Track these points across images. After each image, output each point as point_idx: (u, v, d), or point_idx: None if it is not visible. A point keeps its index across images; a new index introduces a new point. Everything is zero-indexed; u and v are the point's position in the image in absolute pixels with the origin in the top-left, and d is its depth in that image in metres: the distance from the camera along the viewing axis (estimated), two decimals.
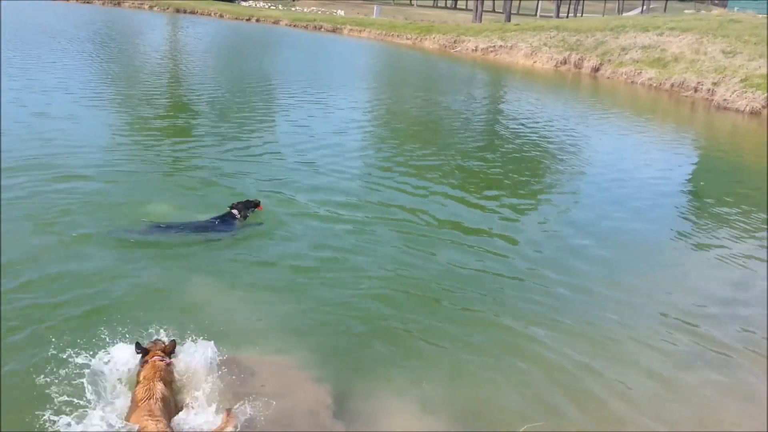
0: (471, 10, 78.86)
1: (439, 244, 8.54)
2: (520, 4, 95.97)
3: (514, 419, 5.17)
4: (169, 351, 4.96)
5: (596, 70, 36.46)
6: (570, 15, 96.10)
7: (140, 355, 4.84)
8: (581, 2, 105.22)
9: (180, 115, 15.46)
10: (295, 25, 56.77)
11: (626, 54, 35.78)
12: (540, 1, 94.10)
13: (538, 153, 15.08)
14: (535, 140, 16.36)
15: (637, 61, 34.59)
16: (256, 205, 8.55)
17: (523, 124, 18.55)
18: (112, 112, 14.60)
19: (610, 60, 36.28)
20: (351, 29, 54.96)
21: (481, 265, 8.05)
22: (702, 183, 14.31)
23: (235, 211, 8.31)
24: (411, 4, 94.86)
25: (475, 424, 5.14)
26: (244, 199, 8.61)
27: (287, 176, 10.77)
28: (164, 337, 5.25)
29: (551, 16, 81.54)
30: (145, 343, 4.97)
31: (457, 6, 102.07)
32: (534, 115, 20.60)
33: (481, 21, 61.98)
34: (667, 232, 10.26)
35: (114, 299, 6.12)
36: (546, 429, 5.05)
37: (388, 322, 6.41)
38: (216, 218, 8.19)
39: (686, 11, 75.55)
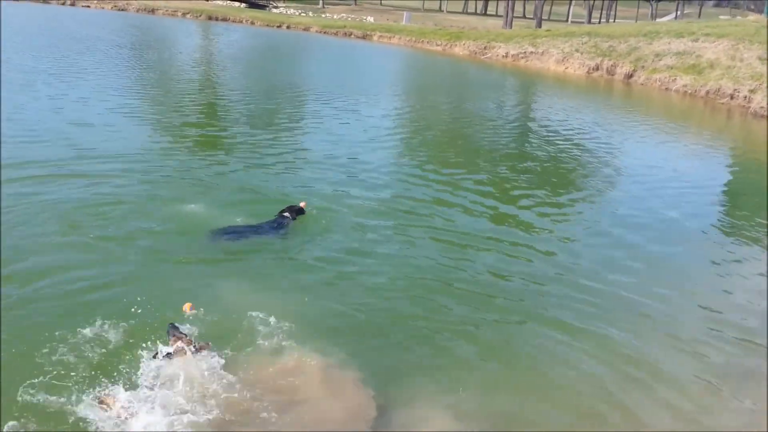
0: (501, 16, 78.60)
1: (479, 248, 8.54)
2: (551, 9, 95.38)
3: (554, 428, 5.08)
4: (198, 349, 5.26)
5: (629, 76, 36.01)
6: (602, 20, 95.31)
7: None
8: (613, 8, 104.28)
9: (214, 122, 15.62)
10: (325, 32, 57.08)
11: (660, 60, 35.28)
12: (571, 7, 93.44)
13: (572, 159, 14.92)
14: (568, 147, 16.19)
15: (672, 68, 34.08)
16: (300, 208, 8.91)
17: (556, 131, 18.38)
18: (148, 120, 14.79)
19: (643, 66, 35.80)
20: (381, 35, 55.07)
21: (519, 269, 8.00)
22: (737, 189, 14.04)
23: (286, 214, 8.67)
24: (440, 11, 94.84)
25: None
26: (287, 205, 8.90)
27: (321, 181, 10.80)
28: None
29: (583, 22, 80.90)
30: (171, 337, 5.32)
31: (487, 12, 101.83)
32: (567, 122, 20.39)
33: (511, 27, 61.70)
34: (706, 238, 10.10)
35: (152, 297, 6.19)
36: None
37: (426, 325, 6.42)
38: (271, 221, 8.50)
39: (721, 17, 74.53)
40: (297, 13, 74.59)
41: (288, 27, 59.27)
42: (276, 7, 79.49)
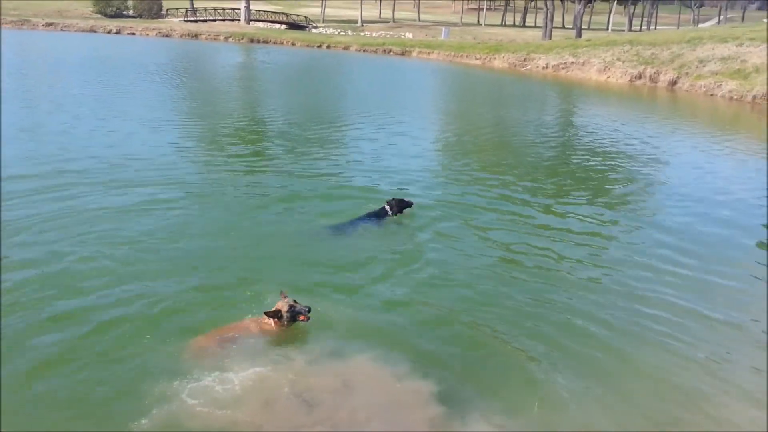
0: (540, 27, 78.41)
1: (535, 259, 8.58)
2: (590, 19, 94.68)
3: None
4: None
5: (673, 83, 35.63)
6: (643, 28, 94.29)
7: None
8: (654, 15, 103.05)
9: (264, 146, 15.90)
10: (365, 50, 57.86)
11: (704, 66, 34.84)
12: (611, 16, 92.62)
13: (618, 168, 14.88)
14: (613, 156, 16.13)
15: (717, 74, 33.62)
16: (409, 204, 9.43)
17: (599, 140, 18.31)
18: (195, 145, 15.16)
19: (687, 73, 35.40)
20: (420, 51, 55.59)
21: (580, 278, 8.01)
22: None
23: (387, 207, 9.23)
24: (479, 24, 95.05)
25: None
26: (399, 198, 9.49)
27: (375, 197, 10.93)
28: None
29: (623, 30, 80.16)
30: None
31: (526, 24, 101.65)
32: (610, 131, 20.28)
33: (551, 38, 61.58)
34: (755, 242, 9.97)
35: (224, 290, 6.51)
36: None
37: (495, 335, 6.42)
38: (371, 214, 9.16)
39: (765, 20, 72.80)
40: (337, 33, 75.72)
41: (328, 47, 60.26)
42: (316, 27, 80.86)
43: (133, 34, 63.34)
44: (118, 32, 63.46)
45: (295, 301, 5.94)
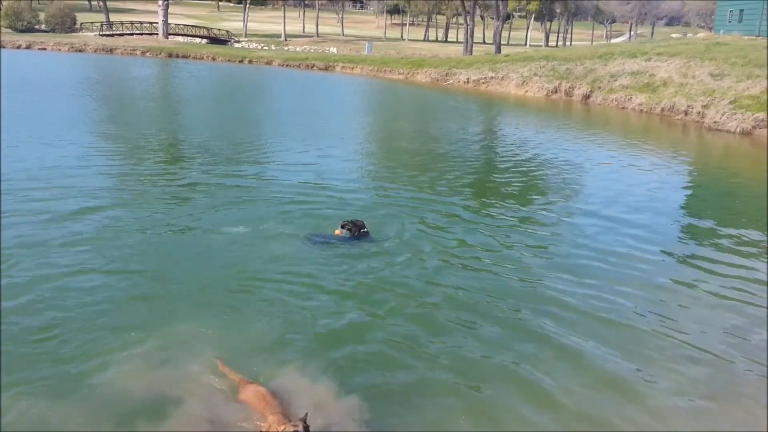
0: (461, 42, 79.93)
1: (454, 270, 8.68)
2: (509, 35, 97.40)
3: None
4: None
5: (587, 97, 36.81)
6: (559, 43, 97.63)
7: None
8: (569, 31, 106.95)
9: (189, 168, 15.44)
10: (287, 65, 57.47)
11: (616, 81, 36.16)
12: (529, 32, 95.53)
13: (536, 178, 15.21)
14: (529, 166, 16.48)
15: (627, 87, 34.93)
16: (361, 226, 9.45)
17: (518, 152, 18.70)
18: (111, 166, 14.52)
19: (600, 87, 36.65)
20: (344, 66, 55.67)
21: (491, 286, 8.11)
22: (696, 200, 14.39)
23: (341, 227, 9.42)
24: (402, 39, 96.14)
25: None
26: (353, 219, 9.60)
27: (307, 215, 10.79)
28: None
29: (540, 46, 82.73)
30: None
31: (448, 39, 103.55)
32: (527, 142, 20.75)
33: (471, 53, 62.83)
34: (665, 251, 10.21)
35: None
36: None
37: (422, 349, 6.46)
38: (321, 234, 9.43)
39: (673, 35, 76.75)
40: (259, 47, 75.03)
41: (250, 61, 59.60)
42: (238, 42, 79.88)
43: (44, 49, 60.88)
44: (28, 47, 60.83)
45: (305, 424, 4.70)
